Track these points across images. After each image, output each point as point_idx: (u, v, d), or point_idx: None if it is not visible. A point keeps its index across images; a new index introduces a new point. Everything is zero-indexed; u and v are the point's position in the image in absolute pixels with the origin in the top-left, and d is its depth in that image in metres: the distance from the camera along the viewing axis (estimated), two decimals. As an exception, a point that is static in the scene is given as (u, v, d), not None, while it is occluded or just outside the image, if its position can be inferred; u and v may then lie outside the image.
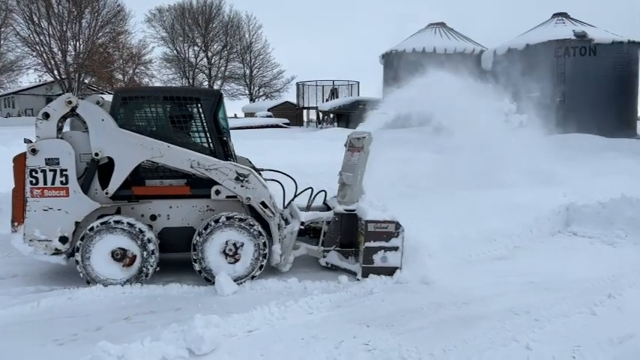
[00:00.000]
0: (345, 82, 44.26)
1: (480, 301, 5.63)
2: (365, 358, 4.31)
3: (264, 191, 6.28)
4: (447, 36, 32.67)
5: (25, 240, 5.86)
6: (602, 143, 19.97)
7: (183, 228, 6.28)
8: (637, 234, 8.26)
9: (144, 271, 6.01)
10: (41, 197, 5.84)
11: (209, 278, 6.11)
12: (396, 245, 6.38)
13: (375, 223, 6.36)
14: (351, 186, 6.87)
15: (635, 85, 29.14)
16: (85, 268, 5.92)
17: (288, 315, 5.16)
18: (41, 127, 5.90)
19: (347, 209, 6.79)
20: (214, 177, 6.13)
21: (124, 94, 6.28)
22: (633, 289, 5.99)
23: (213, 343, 4.35)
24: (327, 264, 6.75)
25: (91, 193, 6.02)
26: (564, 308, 5.38)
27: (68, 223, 5.91)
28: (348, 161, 7.04)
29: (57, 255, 5.97)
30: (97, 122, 5.95)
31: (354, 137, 7.00)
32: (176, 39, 51.47)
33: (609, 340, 4.60)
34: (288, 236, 6.45)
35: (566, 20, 29.58)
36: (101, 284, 5.89)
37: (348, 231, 6.84)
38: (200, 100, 6.32)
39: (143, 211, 6.21)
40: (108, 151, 5.96)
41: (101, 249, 5.91)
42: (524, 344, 4.52)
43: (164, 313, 5.29)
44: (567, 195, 9.90)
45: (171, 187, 6.27)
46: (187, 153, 6.07)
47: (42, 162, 5.82)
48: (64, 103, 5.92)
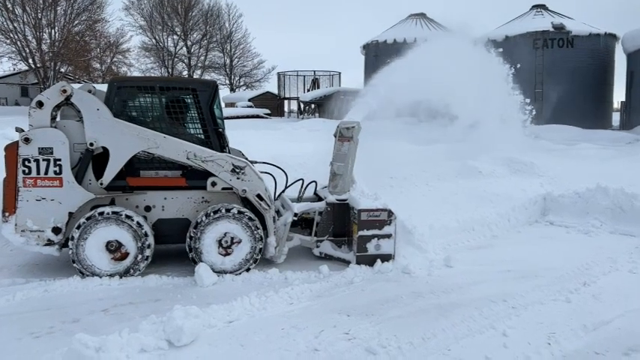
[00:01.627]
0: (327, 73, 44.16)
1: (458, 290, 5.71)
2: (345, 347, 4.34)
3: (260, 184, 6.27)
4: (428, 27, 32.77)
5: (17, 230, 5.75)
6: (579, 134, 20.30)
7: (177, 219, 6.22)
8: (612, 223, 8.46)
9: (137, 264, 5.96)
10: (34, 187, 5.73)
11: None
12: (389, 233, 6.45)
13: (368, 211, 6.41)
14: (342, 176, 6.92)
15: (611, 77, 29.65)
16: (79, 257, 5.83)
17: (269, 305, 5.16)
18: (34, 116, 5.77)
19: (339, 199, 6.85)
20: (210, 169, 6.09)
21: (119, 84, 6.17)
22: (607, 277, 6.14)
23: (193, 334, 4.34)
24: (321, 254, 6.79)
25: (85, 183, 5.92)
26: (540, 296, 5.48)
27: (61, 213, 5.82)
28: (339, 151, 7.06)
29: (49, 246, 5.87)
30: (92, 112, 5.85)
31: (344, 127, 7.01)
32: (155, 28, 50.60)
33: (583, 327, 4.71)
34: (282, 228, 6.45)
35: (544, 12, 29.90)
36: (97, 276, 5.83)
37: (340, 220, 6.87)
38: (196, 91, 6.23)
39: (137, 202, 6.13)
40: (103, 141, 5.86)
41: (96, 240, 5.83)
42: (501, 331, 4.60)
43: (143, 304, 5.25)
44: (544, 185, 10.07)
45: (167, 178, 6.20)
46: (183, 144, 6.02)
47: (35, 151, 5.71)
48: (58, 92, 5.80)
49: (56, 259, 6.56)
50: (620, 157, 12.86)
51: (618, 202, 8.60)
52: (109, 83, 6.17)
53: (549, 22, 28.23)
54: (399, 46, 31.09)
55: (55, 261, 6.52)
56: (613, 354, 4.25)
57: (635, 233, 7.99)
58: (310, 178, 7.56)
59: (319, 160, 7.31)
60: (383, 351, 4.24)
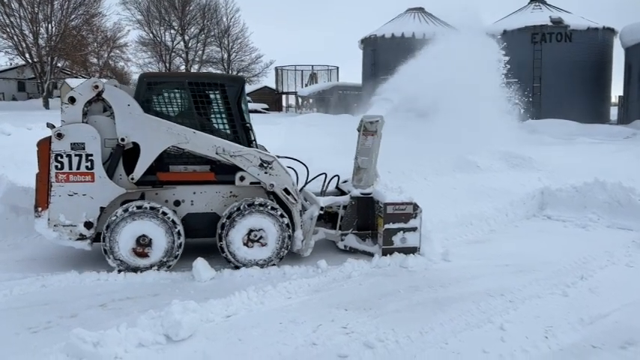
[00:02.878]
0: (325, 67, 44.12)
1: (456, 284, 5.72)
2: (343, 341, 4.35)
3: (287, 178, 6.34)
4: (426, 21, 32.70)
5: (50, 225, 5.79)
6: (577, 128, 20.33)
7: (206, 214, 6.27)
8: (609, 217, 8.47)
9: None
10: (66, 182, 5.78)
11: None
12: (414, 226, 6.53)
13: (394, 205, 6.48)
14: (367, 169, 6.99)
15: (609, 71, 29.66)
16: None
17: (267, 300, 5.17)
18: (67, 112, 5.81)
19: (363, 193, 6.91)
20: (239, 163, 6.13)
21: (149, 79, 6.24)
22: (604, 270, 6.15)
23: (191, 329, 4.34)
24: (346, 247, 6.86)
25: (116, 178, 5.96)
26: (537, 290, 5.50)
27: (93, 208, 5.85)
28: (362, 145, 7.12)
29: (81, 240, 5.91)
30: (124, 107, 5.88)
31: (368, 121, 7.06)
32: (152, 22, 50.37)
33: (580, 321, 4.72)
34: (308, 222, 6.51)
35: (542, 6, 29.86)
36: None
37: (364, 214, 6.94)
38: (225, 87, 6.29)
39: (167, 197, 6.17)
40: (134, 137, 5.90)
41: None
42: (499, 325, 4.61)
43: (141, 299, 5.25)
44: (542, 179, 10.09)
45: (196, 173, 6.25)
46: (213, 139, 6.06)
47: (67, 147, 5.76)
48: (90, 88, 5.83)
49: (53, 255, 6.57)
50: (617, 151, 12.89)
51: (616, 197, 8.61)
52: (139, 79, 6.24)
53: (547, 16, 28.22)
54: (398, 40, 31.06)
55: (52, 256, 6.52)
56: (610, 347, 4.26)
57: (633, 227, 8.00)
58: (312, 173, 7.55)
59: (320, 155, 7.29)
60: (381, 345, 4.25)
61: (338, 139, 12.41)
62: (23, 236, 7.33)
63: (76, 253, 6.63)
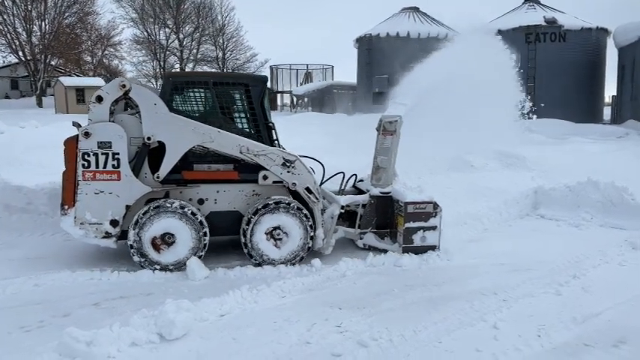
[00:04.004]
0: (320, 66, 44.10)
1: (449, 283, 5.74)
2: (337, 339, 4.35)
3: (309, 177, 6.38)
4: (421, 20, 32.76)
5: (76, 223, 5.81)
6: (570, 128, 20.42)
7: (229, 212, 6.32)
8: (602, 216, 8.51)
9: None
10: (93, 180, 5.80)
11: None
12: (434, 225, 6.62)
13: (415, 204, 6.57)
14: (386, 169, 7.04)
15: (602, 71, 29.82)
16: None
17: (261, 299, 5.16)
18: (94, 111, 5.85)
19: (382, 192, 6.97)
20: (262, 162, 6.18)
21: (174, 79, 6.31)
22: (597, 269, 6.19)
23: (185, 328, 4.33)
24: (365, 245, 6.93)
25: (141, 177, 5.98)
26: (531, 289, 5.52)
27: (119, 206, 5.88)
28: (382, 145, 7.18)
29: (107, 238, 5.92)
30: (150, 106, 5.91)
31: (387, 121, 7.12)
32: (146, 20, 50.16)
33: (573, 319, 4.75)
34: (329, 220, 6.58)
35: (537, 6, 29.98)
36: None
37: (382, 213, 6.99)
38: (249, 86, 6.33)
39: (191, 195, 6.21)
40: (160, 136, 5.92)
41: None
42: (492, 324, 4.63)
43: (134, 298, 5.23)
44: (535, 178, 10.12)
45: (221, 171, 6.29)
46: (237, 138, 6.11)
47: (94, 145, 5.77)
48: (117, 87, 5.85)
49: (47, 254, 6.54)
50: (611, 151, 12.96)
51: (608, 196, 8.66)
52: (165, 78, 6.32)
53: (542, 16, 28.34)
54: (393, 39, 31.12)
55: (45, 255, 6.49)
56: (602, 346, 4.29)
57: (625, 226, 8.04)
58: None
59: (317, 154, 7.24)
60: (374, 344, 4.25)
61: (334, 138, 12.42)
62: (17, 235, 7.31)
63: (69, 252, 6.61)
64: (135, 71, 52.06)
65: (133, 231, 5.88)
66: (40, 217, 7.65)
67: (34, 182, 7.92)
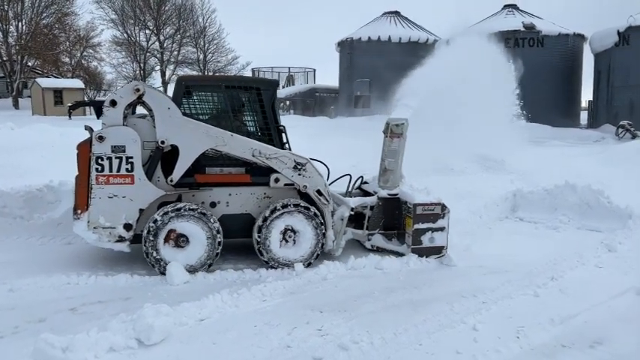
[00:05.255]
0: (302, 69, 44.07)
1: (430, 285, 5.78)
2: (318, 343, 4.34)
3: (320, 180, 6.45)
4: (402, 25, 33.01)
5: (90, 227, 5.79)
6: (549, 132, 20.74)
7: (241, 215, 6.35)
8: (579, 219, 8.65)
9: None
10: (106, 185, 5.79)
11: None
12: (442, 226, 6.71)
13: (423, 205, 6.67)
14: (393, 171, 7.13)
15: (579, 76, 30.38)
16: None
17: (241, 302, 5.12)
18: (108, 115, 5.83)
19: (390, 194, 7.06)
20: (274, 165, 6.22)
21: (187, 83, 6.32)
22: (574, 271, 6.29)
23: (164, 333, 4.28)
24: (373, 247, 6.98)
25: (154, 180, 5.97)
26: (509, 290, 5.58)
27: (133, 210, 5.87)
28: (389, 147, 7.26)
29: (120, 242, 5.91)
30: (164, 110, 5.91)
31: (394, 124, 7.20)
32: (126, 22, 49.52)
33: (551, 321, 4.81)
34: (339, 222, 6.62)
35: (515, 12, 30.43)
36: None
37: (390, 214, 7.07)
38: (260, 90, 6.38)
39: (203, 199, 6.21)
40: (173, 140, 5.93)
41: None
42: (472, 326, 4.67)
43: (112, 303, 5.15)
44: (514, 182, 10.25)
45: (232, 175, 6.32)
46: (249, 142, 6.15)
47: (108, 149, 5.77)
48: (131, 91, 5.85)
49: (22, 258, 6.40)
50: (587, 154, 13.19)
51: (585, 199, 8.81)
52: (177, 82, 6.31)
53: (520, 21, 28.76)
54: (374, 43, 31.31)
55: (21, 260, 6.35)
56: (579, 347, 4.36)
57: (601, 229, 8.19)
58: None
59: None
60: (355, 347, 4.26)
61: (316, 140, 12.40)
62: (-10, 239, 7.15)
63: (45, 257, 6.49)
64: (114, 73, 51.44)
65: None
66: (16, 220, 7.50)
67: (9, 185, 7.78)
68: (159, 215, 5.88)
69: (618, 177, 9.89)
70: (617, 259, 6.75)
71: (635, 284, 5.71)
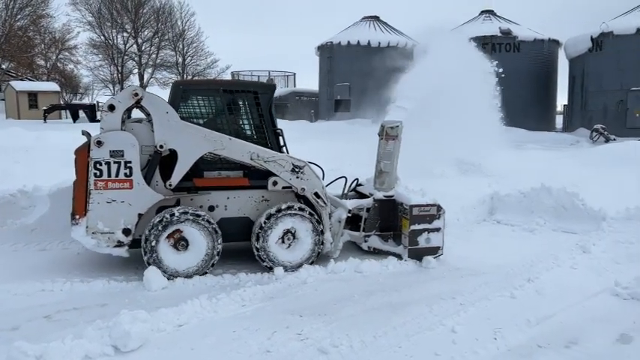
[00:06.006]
0: (282, 73, 44.05)
1: (409, 288, 5.81)
2: (297, 347, 4.33)
3: (318, 182, 6.50)
4: (381, 29, 33.23)
5: (88, 233, 5.75)
6: (525, 135, 21.06)
7: (239, 218, 6.36)
8: (555, 221, 8.79)
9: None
10: (105, 189, 5.76)
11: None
12: (438, 226, 6.79)
13: (419, 207, 6.74)
14: (389, 173, 7.21)
15: (554, 81, 30.96)
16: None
17: (220, 308, 5.09)
18: (106, 119, 5.82)
19: (386, 195, 7.12)
20: (272, 169, 6.26)
21: (185, 87, 6.37)
22: (550, 273, 6.38)
23: (141, 339, 4.22)
24: (369, 248, 7.06)
25: (152, 185, 5.96)
26: (487, 292, 5.65)
27: (131, 215, 5.85)
28: (384, 150, 7.33)
29: (119, 247, 5.87)
30: (162, 114, 5.90)
31: (389, 127, 7.27)
32: (103, 24, 48.93)
33: (527, 322, 4.88)
34: (336, 224, 6.68)
35: (492, 17, 30.89)
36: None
37: (386, 216, 7.12)
38: (258, 93, 6.43)
39: (202, 202, 6.22)
40: (172, 144, 5.93)
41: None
42: (450, 328, 4.71)
43: (88, 309, 5.07)
44: (491, 185, 10.36)
45: (231, 178, 6.34)
46: (247, 145, 6.17)
47: (106, 154, 5.74)
48: (130, 95, 5.85)
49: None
50: (562, 157, 13.43)
51: (561, 201, 8.96)
52: (174, 86, 6.32)
53: (497, 27, 29.21)
54: (354, 47, 31.45)
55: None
56: (554, 347, 4.42)
57: (576, 230, 8.33)
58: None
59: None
60: (335, 350, 4.26)
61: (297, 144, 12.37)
62: (-39, 246, 6.97)
63: (18, 263, 6.37)
64: (91, 76, 50.72)
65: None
66: (-13, 226, 7.33)
67: (-20, 190, 7.60)
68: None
69: (592, 179, 10.07)
70: (592, 260, 6.88)
71: (608, 285, 5.83)
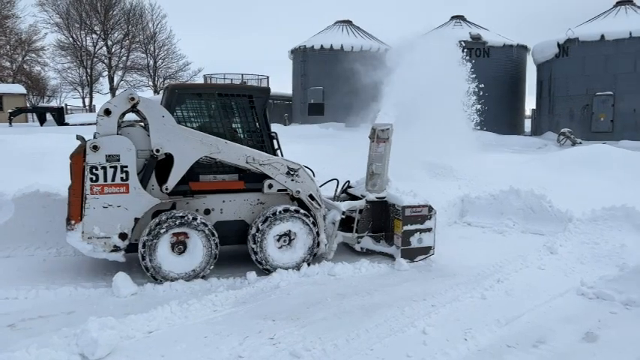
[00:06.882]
0: (255, 76, 43.84)
1: (381, 290, 5.84)
2: (269, 352, 4.30)
3: (312, 185, 6.59)
4: (354, 34, 33.42)
5: (84, 238, 5.72)
6: (494, 139, 21.42)
7: (235, 221, 6.41)
8: (523, 223, 8.97)
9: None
10: (101, 194, 5.74)
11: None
12: (429, 227, 6.94)
13: (412, 207, 6.87)
14: (380, 175, 7.29)
15: (523, 86, 31.63)
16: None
17: (191, 314, 5.03)
18: (102, 124, 5.79)
19: (378, 197, 7.24)
20: (267, 172, 6.32)
21: (180, 91, 6.39)
22: (519, 273, 6.50)
23: (109, 346, 4.14)
24: (362, 249, 7.18)
25: (148, 189, 5.96)
26: (458, 293, 5.72)
27: (128, 219, 5.83)
28: (375, 152, 7.44)
29: (115, 252, 5.84)
30: (158, 119, 5.90)
31: (380, 129, 7.37)
32: (72, 25, 47.98)
33: (497, 322, 4.96)
34: (330, 226, 6.81)
35: (463, 23, 31.41)
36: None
37: (378, 217, 7.26)
38: (253, 97, 6.49)
39: (198, 206, 6.25)
40: (168, 148, 5.93)
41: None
42: (421, 329, 4.75)
43: (54, 317, 4.95)
44: (462, 187, 10.51)
45: (226, 181, 6.37)
46: (243, 149, 6.23)
47: (102, 159, 5.72)
48: (126, 100, 5.84)
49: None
50: (531, 160, 13.70)
51: (529, 203, 9.14)
52: (170, 90, 6.32)
53: (467, 32, 29.68)
54: (327, 51, 31.55)
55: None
56: (523, 346, 4.50)
57: (544, 232, 8.51)
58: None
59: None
60: (307, 354, 4.25)
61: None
62: None
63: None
64: (59, 78, 49.63)
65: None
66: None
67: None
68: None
69: (559, 182, 10.32)
70: (559, 260, 7.03)
71: (574, 285, 5.97)
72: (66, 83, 50.18)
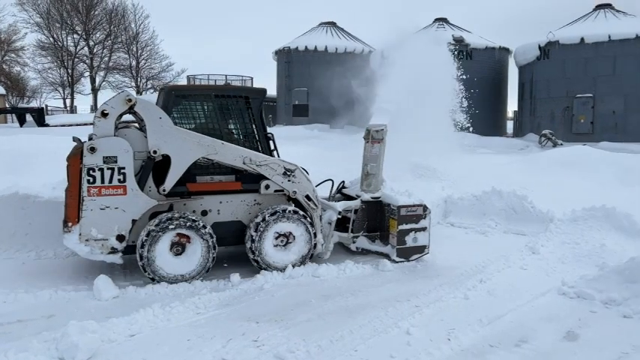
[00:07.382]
0: (239, 78, 43.66)
1: (365, 291, 5.85)
2: (253, 354, 4.28)
3: (309, 185, 6.63)
4: (338, 36, 33.51)
5: (81, 240, 5.69)
6: (477, 140, 21.61)
7: (232, 222, 6.42)
8: (505, 223, 9.06)
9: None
10: (98, 196, 5.71)
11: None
12: (424, 226, 7.03)
13: (407, 207, 6.96)
14: (375, 175, 7.33)
15: (505, 87, 31.98)
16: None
17: (174, 316, 4.98)
18: (99, 125, 5.76)
19: (373, 197, 7.30)
20: (264, 172, 6.34)
21: (177, 92, 6.36)
22: (501, 274, 6.56)
23: (90, 351, 4.08)
24: (358, 249, 7.25)
25: (146, 190, 5.94)
26: (441, 294, 5.76)
27: (125, 221, 5.82)
28: (370, 153, 7.51)
29: (113, 254, 5.83)
30: (155, 120, 5.90)
31: (374, 130, 7.42)
32: (52, 25, 47.29)
33: (480, 322, 5.00)
34: (327, 226, 6.86)
35: (446, 25, 31.66)
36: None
37: (373, 217, 7.34)
38: (249, 98, 6.52)
39: (195, 207, 6.24)
40: (165, 149, 5.92)
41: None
42: (405, 330, 4.77)
43: (34, 321, 4.86)
44: (445, 188, 10.58)
45: (223, 182, 6.38)
46: (240, 150, 6.25)
47: (100, 160, 5.69)
48: (123, 101, 5.82)
49: None
50: (513, 162, 13.84)
51: (511, 204, 9.24)
52: (167, 91, 6.32)
53: (450, 34, 29.92)
54: (311, 53, 31.58)
55: None
56: (505, 346, 4.55)
57: (525, 232, 8.61)
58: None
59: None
60: (291, 356, 4.24)
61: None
62: None
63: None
64: (39, 79, 48.89)
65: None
66: None
67: None
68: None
69: (541, 183, 10.44)
70: (540, 260, 7.12)
71: (556, 284, 6.04)
72: (46, 84, 49.47)
